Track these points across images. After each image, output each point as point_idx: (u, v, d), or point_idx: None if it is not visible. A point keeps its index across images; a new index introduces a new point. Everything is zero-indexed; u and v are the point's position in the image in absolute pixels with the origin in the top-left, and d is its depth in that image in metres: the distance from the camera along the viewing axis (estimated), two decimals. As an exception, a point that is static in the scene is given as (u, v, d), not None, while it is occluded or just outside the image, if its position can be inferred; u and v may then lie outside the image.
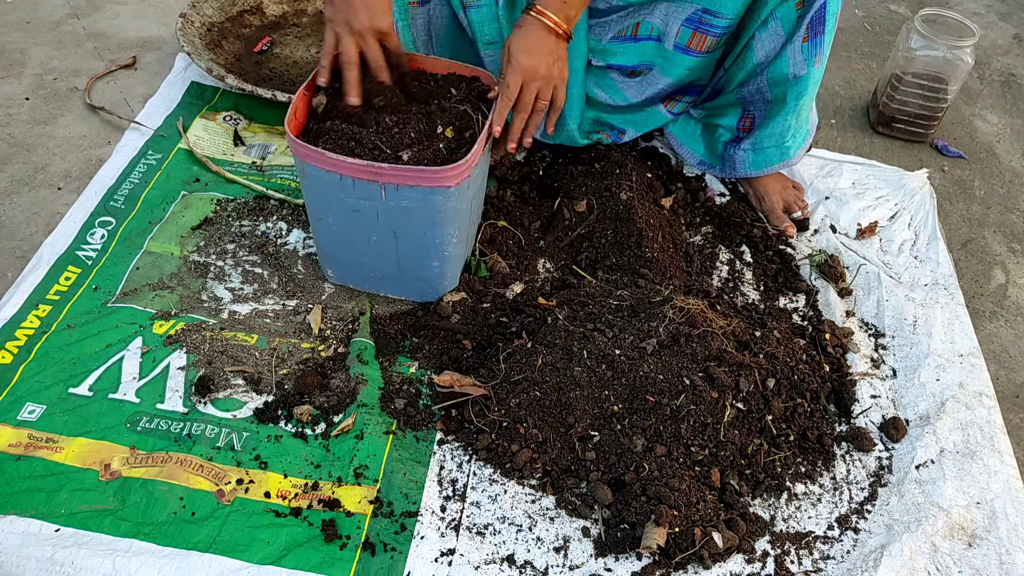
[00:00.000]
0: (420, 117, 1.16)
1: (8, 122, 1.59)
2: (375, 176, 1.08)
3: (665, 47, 1.32)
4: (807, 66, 1.28)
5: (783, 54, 1.28)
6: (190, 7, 1.74)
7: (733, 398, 1.10)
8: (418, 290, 1.27)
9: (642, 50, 1.35)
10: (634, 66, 1.37)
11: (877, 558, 1.02)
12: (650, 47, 1.34)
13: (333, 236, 1.21)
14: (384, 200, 1.10)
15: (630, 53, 1.35)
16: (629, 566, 1.00)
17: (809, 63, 1.28)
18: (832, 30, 1.26)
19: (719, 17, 1.25)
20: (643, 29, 1.32)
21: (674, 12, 1.27)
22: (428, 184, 1.08)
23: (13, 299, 1.22)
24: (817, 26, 1.24)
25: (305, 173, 1.12)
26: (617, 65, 1.37)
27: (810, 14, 1.23)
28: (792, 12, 1.24)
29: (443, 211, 1.12)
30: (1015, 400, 1.29)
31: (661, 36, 1.31)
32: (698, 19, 1.26)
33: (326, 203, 1.16)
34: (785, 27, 1.26)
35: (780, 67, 1.30)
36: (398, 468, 1.07)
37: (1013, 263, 1.53)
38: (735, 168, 1.49)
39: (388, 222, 1.15)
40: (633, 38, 1.34)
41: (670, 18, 1.28)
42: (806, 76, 1.30)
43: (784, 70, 1.30)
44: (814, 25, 1.24)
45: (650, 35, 1.32)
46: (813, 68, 1.29)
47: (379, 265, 1.23)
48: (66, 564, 0.94)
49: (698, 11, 1.25)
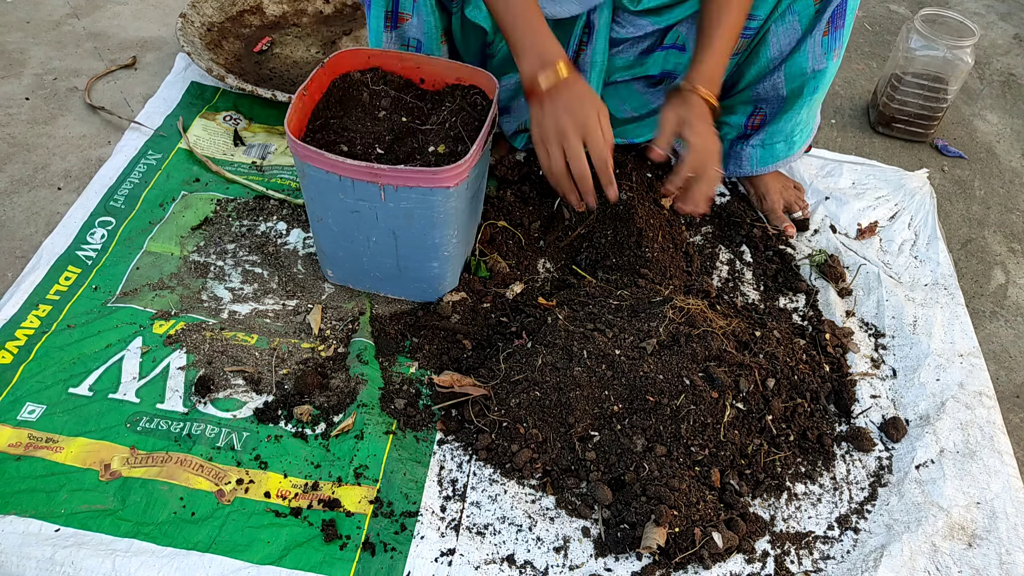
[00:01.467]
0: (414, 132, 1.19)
1: (8, 122, 1.59)
2: (374, 177, 1.08)
3: (690, 55, 1.30)
4: (826, 60, 1.28)
5: (801, 48, 1.28)
6: (190, 7, 1.74)
7: (733, 398, 1.10)
8: (418, 290, 1.27)
9: (665, 58, 1.35)
10: (659, 75, 1.37)
11: (877, 558, 1.02)
12: (673, 54, 1.34)
13: (333, 236, 1.21)
14: (383, 201, 1.11)
15: (656, 63, 1.36)
16: (629, 566, 1.00)
17: (828, 57, 1.28)
18: (851, 25, 1.26)
19: (754, 19, 1.26)
20: (669, 38, 1.33)
21: None
22: (427, 185, 1.08)
23: (13, 299, 1.22)
24: (837, 20, 1.24)
25: (305, 174, 1.12)
26: (643, 76, 1.38)
27: (831, 8, 1.23)
28: (810, 7, 1.24)
29: (442, 211, 1.12)
30: (1015, 400, 1.29)
31: (685, 45, 1.31)
32: None
33: (325, 204, 1.16)
34: (802, 21, 1.26)
35: (799, 61, 1.30)
36: (398, 468, 1.07)
37: (1013, 263, 1.53)
38: (741, 166, 1.48)
39: (387, 223, 1.15)
40: (660, 46, 1.35)
41: None
42: (824, 70, 1.30)
43: (803, 64, 1.30)
44: (834, 19, 1.24)
45: (675, 43, 1.33)
46: (832, 62, 1.29)
47: (379, 265, 1.23)
48: (66, 564, 0.94)
49: None
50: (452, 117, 1.20)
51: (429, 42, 1.27)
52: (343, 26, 1.89)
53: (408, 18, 1.26)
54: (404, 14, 1.26)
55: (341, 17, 1.92)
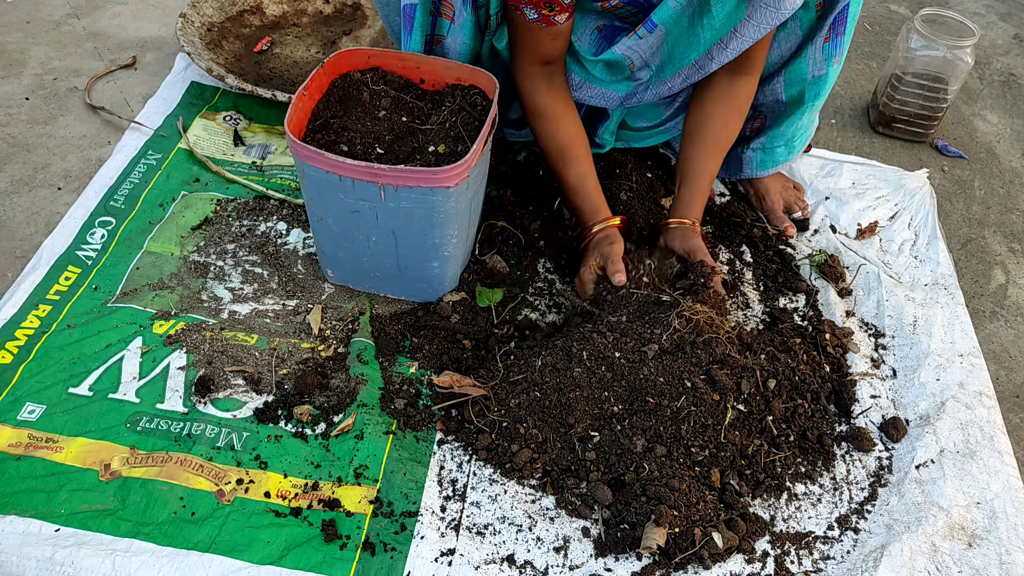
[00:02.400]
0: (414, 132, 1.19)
1: (8, 122, 1.59)
2: (374, 177, 1.08)
3: (706, 70, 1.28)
4: (827, 66, 1.28)
5: (802, 54, 1.28)
6: (190, 7, 1.74)
7: (734, 399, 1.10)
8: (418, 290, 1.27)
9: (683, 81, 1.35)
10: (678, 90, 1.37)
11: (877, 558, 1.02)
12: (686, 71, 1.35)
13: (333, 236, 1.21)
14: (383, 201, 1.11)
15: (675, 84, 1.36)
16: (629, 566, 1.00)
17: (828, 63, 1.28)
18: (852, 31, 1.26)
19: None
20: None
21: None
22: (427, 185, 1.08)
23: (13, 299, 1.22)
24: (839, 26, 1.24)
25: (305, 174, 1.12)
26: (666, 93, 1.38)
27: (833, 14, 1.22)
28: (811, 12, 1.24)
29: (442, 211, 1.12)
30: (1015, 400, 1.29)
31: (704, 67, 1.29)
32: None
33: (325, 204, 1.16)
34: (803, 27, 1.26)
35: (799, 67, 1.30)
36: (398, 468, 1.07)
37: (1013, 263, 1.53)
38: (742, 169, 1.49)
39: (387, 223, 1.15)
40: None
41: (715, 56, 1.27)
42: (825, 76, 1.30)
43: (803, 70, 1.30)
44: (836, 25, 1.24)
45: None
46: (832, 68, 1.29)
47: (379, 265, 1.23)
48: (66, 564, 0.94)
49: None
50: (452, 117, 1.20)
51: None
52: (343, 26, 1.89)
53: (442, 39, 1.25)
54: (440, 36, 1.25)
55: (341, 17, 1.92)
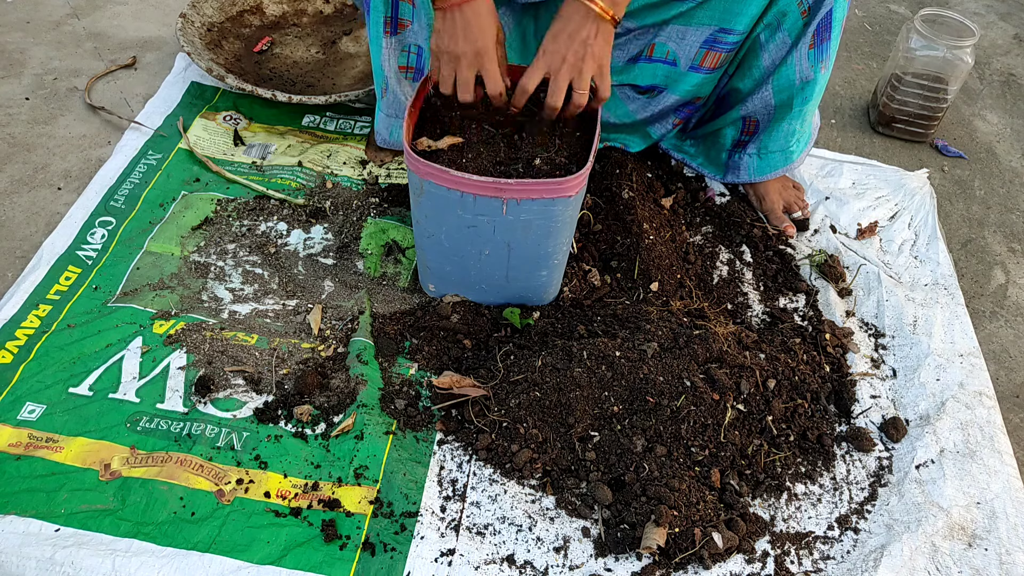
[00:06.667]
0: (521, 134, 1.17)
1: (8, 122, 1.59)
2: (498, 192, 1.06)
3: (680, 70, 1.33)
4: (814, 72, 1.29)
5: (789, 60, 1.28)
6: (190, 7, 1.74)
7: (734, 399, 1.10)
8: (522, 299, 1.27)
9: (654, 71, 1.35)
10: (648, 85, 1.37)
11: (877, 558, 1.02)
12: (662, 69, 1.35)
13: (443, 252, 1.19)
14: (504, 215, 1.09)
15: (645, 73, 1.36)
16: (629, 566, 1.00)
17: (816, 69, 1.28)
18: (838, 37, 1.26)
19: (732, 34, 1.26)
20: (658, 51, 1.33)
21: (691, 37, 1.28)
22: (551, 196, 1.07)
23: (13, 299, 1.22)
24: (823, 32, 1.25)
25: (423, 191, 1.09)
26: (630, 83, 1.38)
27: (815, 21, 1.23)
28: (798, 21, 1.24)
29: (560, 220, 1.11)
30: (1015, 400, 1.29)
31: (676, 60, 1.32)
32: (713, 39, 1.27)
33: (441, 220, 1.13)
34: (791, 34, 1.26)
35: (786, 73, 1.30)
36: (398, 468, 1.07)
37: (1013, 263, 1.53)
38: (739, 175, 1.49)
39: (504, 235, 1.13)
40: (648, 58, 1.35)
41: (687, 43, 1.29)
42: (812, 82, 1.30)
43: (791, 76, 1.30)
44: (820, 32, 1.24)
45: (665, 58, 1.33)
46: (820, 74, 1.29)
47: (487, 277, 1.22)
48: (66, 564, 0.94)
49: (715, 31, 1.26)
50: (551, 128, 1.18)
51: None
52: (343, 26, 1.89)
53: (408, 24, 1.26)
54: (404, 20, 1.25)
55: (341, 17, 1.92)
